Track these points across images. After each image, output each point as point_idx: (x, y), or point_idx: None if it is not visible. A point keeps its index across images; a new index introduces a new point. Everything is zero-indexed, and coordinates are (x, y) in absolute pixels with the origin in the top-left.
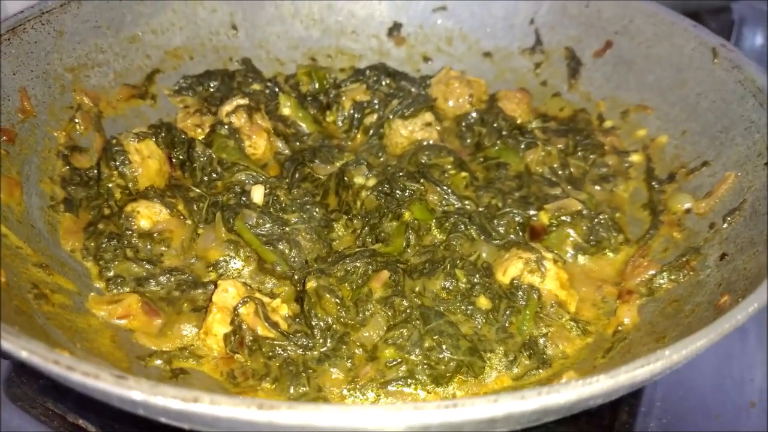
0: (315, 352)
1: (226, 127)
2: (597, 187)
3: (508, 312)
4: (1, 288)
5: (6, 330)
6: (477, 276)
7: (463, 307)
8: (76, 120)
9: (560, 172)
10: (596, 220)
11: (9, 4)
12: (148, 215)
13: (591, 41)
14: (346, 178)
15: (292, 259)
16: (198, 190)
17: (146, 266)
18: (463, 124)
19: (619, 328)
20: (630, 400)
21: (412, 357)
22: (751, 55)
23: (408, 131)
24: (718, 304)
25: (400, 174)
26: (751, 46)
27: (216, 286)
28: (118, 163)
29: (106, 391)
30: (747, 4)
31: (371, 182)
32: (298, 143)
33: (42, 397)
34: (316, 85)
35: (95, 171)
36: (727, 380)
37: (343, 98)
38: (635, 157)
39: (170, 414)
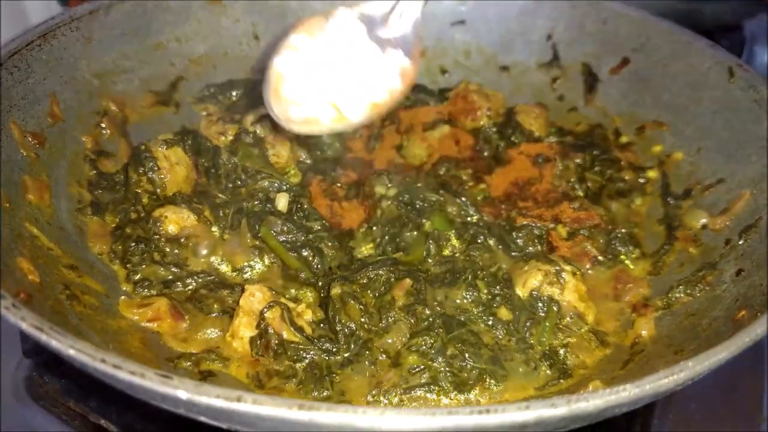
0: (339, 357)
1: (250, 135)
2: (614, 202)
3: (528, 323)
4: (36, 288)
5: (52, 328)
6: (498, 287)
7: (484, 317)
8: (103, 125)
9: (577, 187)
10: (613, 234)
11: (31, 12)
12: (175, 220)
13: (608, 58)
14: (367, 188)
15: (315, 266)
16: (224, 197)
17: (173, 269)
18: (481, 137)
19: (637, 340)
20: (644, 413)
21: (436, 364)
22: (762, 73)
23: (427, 143)
24: (736, 319)
25: (420, 185)
26: (762, 63)
27: (243, 290)
28: (147, 169)
29: (152, 390)
30: (759, 22)
31: (392, 192)
32: (319, 152)
33: (64, 397)
34: None
35: (121, 176)
36: (738, 395)
37: None
38: (651, 173)
39: (212, 412)
